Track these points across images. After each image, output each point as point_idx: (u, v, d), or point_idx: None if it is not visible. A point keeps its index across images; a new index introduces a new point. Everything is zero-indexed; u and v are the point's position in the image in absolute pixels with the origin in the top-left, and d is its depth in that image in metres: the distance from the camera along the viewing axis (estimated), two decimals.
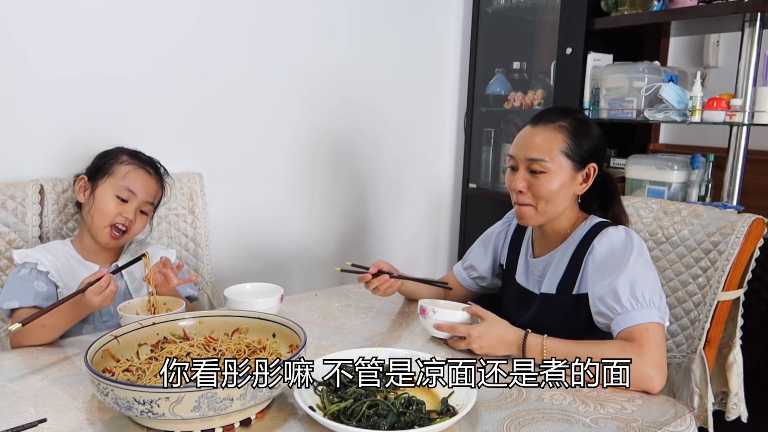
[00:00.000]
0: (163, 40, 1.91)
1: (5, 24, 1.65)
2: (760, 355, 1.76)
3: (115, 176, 1.47)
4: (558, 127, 1.28)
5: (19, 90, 1.70)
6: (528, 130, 1.32)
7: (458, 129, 2.76)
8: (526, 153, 1.29)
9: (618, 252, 1.23)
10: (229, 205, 2.14)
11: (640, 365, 1.08)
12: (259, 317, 1.16)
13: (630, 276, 1.17)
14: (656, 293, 1.18)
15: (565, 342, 1.16)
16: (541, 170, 1.27)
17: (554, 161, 1.26)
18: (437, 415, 0.95)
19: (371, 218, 2.55)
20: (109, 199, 1.45)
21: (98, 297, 1.21)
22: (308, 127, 2.28)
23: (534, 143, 1.28)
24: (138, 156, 1.53)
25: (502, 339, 1.21)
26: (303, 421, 0.96)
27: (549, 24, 2.42)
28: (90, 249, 1.50)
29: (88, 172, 1.50)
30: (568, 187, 1.29)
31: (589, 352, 1.11)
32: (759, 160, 2.16)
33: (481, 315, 1.25)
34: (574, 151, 1.27)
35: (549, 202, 1.28)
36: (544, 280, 1.34)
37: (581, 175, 1.30)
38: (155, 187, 1.53)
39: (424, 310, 1.30)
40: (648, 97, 2.03)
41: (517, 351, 1.20)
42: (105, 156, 1.51)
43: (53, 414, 0.97)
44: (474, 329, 1.22)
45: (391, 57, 2.47)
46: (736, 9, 1.82)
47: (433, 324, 1.29)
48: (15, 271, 1.41)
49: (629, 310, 1.15)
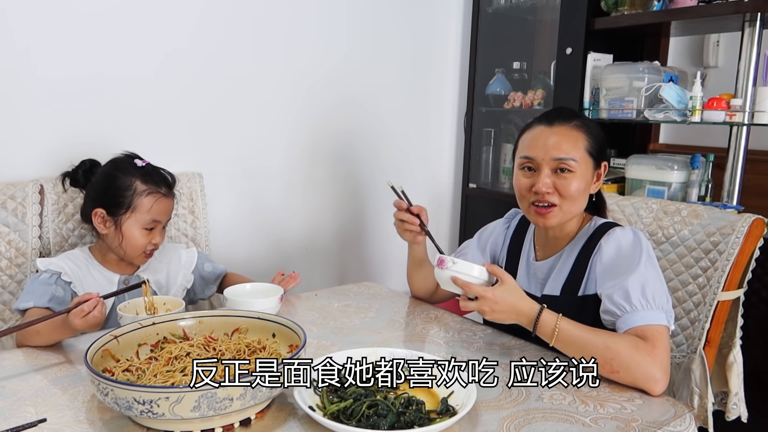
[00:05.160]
0: (164, 41, 1.91)
1: (6, 23, 1.65)
2: (760, 355, 1.76)
3: (140, 211, 1.46)
4: (576, 126, 1.27)
5: (19, 90, 1.70)
6: (545, 130, 1.28)
7: (458, 129, 2.76)
8: (552, 153, 1.25)
9: (627, 252, 1.22)
10: (229, 205, 2.14)
11: (649, 365, 1.07)
12: (258, 317, 1.15)
13: (641, 276, 1.16)
14: (664, 296, 1.17)
15: (580, 327, 1.13)
16: (569, 169, 1.25)
17: (580, 161, 1.25)
18: (437, 415, 0.95)
19: (371, 218, 2.55)
20: (139, 235, 1.47)
21: (80, 320, 1.19)
22: (308, 127, 2.28)
23: (559, 143, 1.25)
24: (153, 179, 1.49)
25: (516, 308, 1.16)
26: (303, 421, 0.96)
27: (549, 24, 2.42)
28: (112, 261, 1.52)
29: (105, 206, 1.46)
30: (589, 185, 1.29)
31: (603, 342, 1.09)
32: (759, 160, 2.16)
33: (501, 276, 1.18)
34: (595, 149, 1.27)
35: (574, 202, 1.27)
36: (548, 283, 1.33)
37: (596, 174, 1.30)
38: (172, 203, 1.55)
39: (442, 261, 1.21)
40: (648, 97, 2.03)
41: (527, 324, 1.17)
42: (119, 188, 1.46)
43: (53, 414, 0.97)
44: (489, 291, 1.16)
45: (392, 57, 2.47)
46: (736, 9, 1.81)
47: (450, 276, 1.19)
48: (35, 276, 1.44)
49: (638, 309, 1.14)
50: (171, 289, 1.58)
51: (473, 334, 1.36)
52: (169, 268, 1.60)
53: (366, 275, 2.55)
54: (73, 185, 1.60)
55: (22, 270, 1.62)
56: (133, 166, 1.49)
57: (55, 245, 1.65)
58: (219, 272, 1.68)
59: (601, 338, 1.11)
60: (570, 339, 1.13)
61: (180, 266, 1.61)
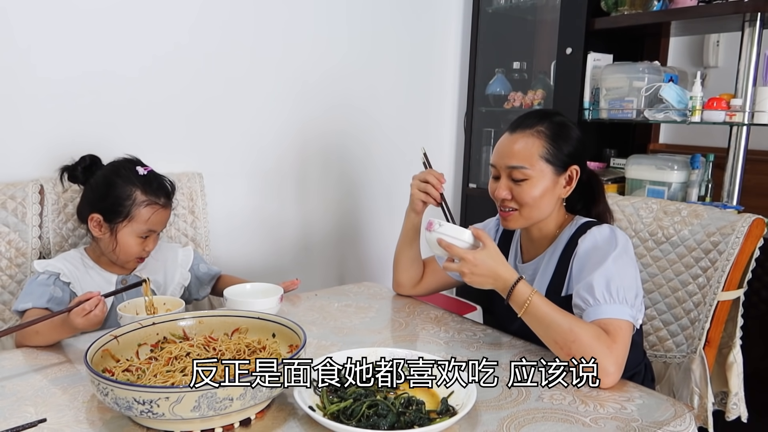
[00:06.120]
0: (163, 41, 1.91)
1: (6, 23, 1.65)
2: (760, 355, 1.76)
3: (137, 221, 1.45)
4: (536, 132, 1.28)
5: (19, 89, 1.70)
6: (506, 137, 1.31)
7: (458, 129, 2.76)
8: (506, 161, 1.28)
9: (600, 248, 1.22)
10: (229, 205, 2.14)
11: (605, 357, 1.08)
12: (258, 317, 1.15)
13: (608, 271, 1.17)
14: (632, 291, 1.17)
15: (552, 306, 1.15)
16: (523, 177, 1.27)
17: (534, 167, 1.26)
18: (437, 415, 0.95)
19: (371, 218, 2.55)
20: (134, 243, 1.47)
21: (81, 319, 1.19)
22: (308, 127, 2.28)
23: (513, 151, 1.28)
24: (153, 190, 1.48)
25: (495, 273, 1.18)
26: (303, 421, 0.96)
27: (549, 24, 2.42)
28: (106, 262, 1.52)
29: (102, 212, 1.46)
30: (551, 191, 1.28)
31: (568, 325, 1.11)
32: (759, 160, 2.16)
33: (484, 241, 1.20)
34: (554, 156, 1.27)
35: (533, 208, 1.28)
36: (534, 284, 1.34)
37: (564, 179, 1.30)
38: (169, 213, 1.54)
39: (431, 223, 1.24)
40: (648, 97, 2.03)
41: (503, 290, 1.19)
42: (119, 197, 1.45)
43: (53, 414, 0.97)
44: (470, 254, 1.18)
45: (392, 57, 2.47)
46: (736, 9, 1.82)
47: (437, 238, 1.22)
48: (33, 278, 1.43)
49: (601, 303, 1.15)
50: (169, 288, 1.58)
51: (473, 334, 1.36)
52: (166, 267, 1.60)
53: (366, 275, 2.55)
54: (71, 181, 1.60)
55: (22, 270, 1.62)
56: (134, 174, 1.48)
57: (55, 245, 1.65)
58: (213, 273, 1.68)
59: (567, 321, 1.12)
60: (539, 314, 1.15)
61: (177, 265, 1.61)
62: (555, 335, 1.12)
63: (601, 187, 1.39)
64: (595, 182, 1.38)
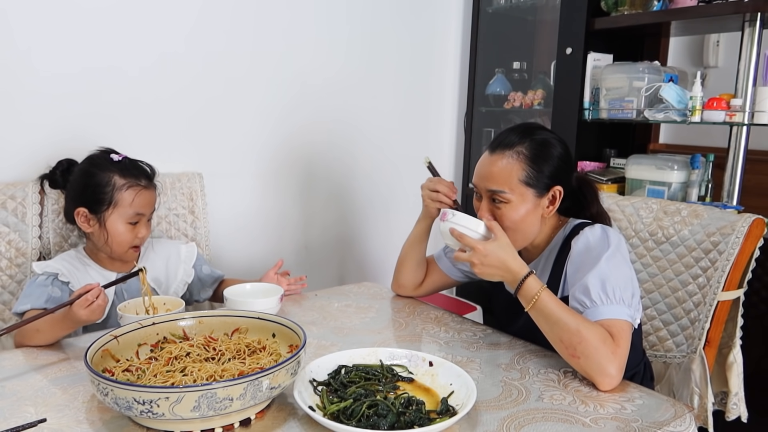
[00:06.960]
0: (164, 40, 1.91)
1: (6, 22, 1.65)
2: (760, 355, 1.76)
3: (122, 206, 1.45)
4: (516, 153, 1.24)
5: (19, 89, 1.70)
6: (486, 157, 1.28)
7: (458, 129, 2.77)
8: (486, 184, 1.26)
9: (593, 249, 1.21)
10: (229, 205, 2.14)
11: (609, 361, 1.07)
12: (258, 317, 1.15)
13: (602, 271, 1.16)
14: (628, 291, 1.16)
15: (560, 304, 1.14)
16: (503, 200, 1.25)
17: (514, 191, 1.24)
18: (437, 415, 0.95)
19: (372, 218, 2.55)
20: (124, 230, 1.46)
21: (85, 310, 1.19)
22: (308, 126, 2.28)
23: (492, 174, 1.25)
24: (130, 172, 1.48)
25: (505, 265, 1.17)
26: (303, 421, 0.96)
27: (549, 24, 2.42)
28: (105, 259, 1.52)
29: (86, 204, 1.46)
30: (533, 213, 1.26)
31: (575, 325, 1.10)
32: (759, 160, 2.16)
33: (496, 233, 1.20)
34: (535, 179, 1.24)
35: (515, 231, 1.26)
36: None
37: (546, 199, 1.27)
38: (154, 195, 1.53)
39: (445, 214, 1.26)
40: (648, 97, 2.03)
41: (512, 283, 1.18)
42: (98, 185, 1.45)
43: (53, 414, 0.97)
44: (481, 244, 1.18)
45: (392, 57, 2.47)
46: (736, 9, 1.82)
47: (449, 227, 1.23)
48: (32, 280, 1.43)
49: (599, 304, 1.14)
50: (172, 285, 1.58)
51: (473, 334, 1.36)
52: (168, 264, 1.60)
53: (366, 275, 2.55)
54: (52, 187, 1.59)
55: (22, 270, 1.62)
56: (109, 161, 1.48)
57: (55, 245, 1.65)
58: (216, 276, 1.67)
59: (575, 320, 1.11)
60: (546, 310, 1.13)
61: (180, 261, 1.61)
62: (561, 333, 1.11)
63: (594, 192, 1.37)
64: (587, 190, 1.36)
